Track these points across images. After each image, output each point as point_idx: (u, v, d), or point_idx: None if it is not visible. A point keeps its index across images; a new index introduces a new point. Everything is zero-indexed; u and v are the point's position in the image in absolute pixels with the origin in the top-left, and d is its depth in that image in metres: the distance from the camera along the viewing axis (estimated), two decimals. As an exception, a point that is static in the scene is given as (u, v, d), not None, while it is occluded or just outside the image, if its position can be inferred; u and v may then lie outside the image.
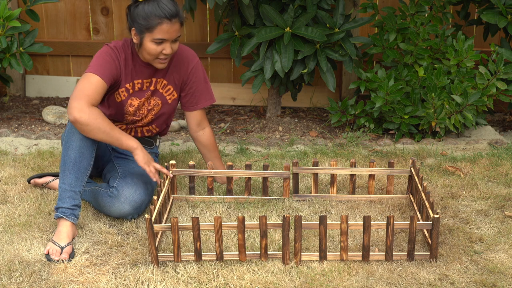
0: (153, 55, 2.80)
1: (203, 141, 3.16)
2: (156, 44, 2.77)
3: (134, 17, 2.78)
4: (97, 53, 2.83)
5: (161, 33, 2.74)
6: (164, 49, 2.78)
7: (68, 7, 4.84)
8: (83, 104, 2.63)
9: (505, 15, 3.97)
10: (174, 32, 2.76)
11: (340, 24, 3.94)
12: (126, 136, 2.73)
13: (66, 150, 2.69)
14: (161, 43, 2.77)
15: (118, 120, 3.00)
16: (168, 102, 3.02)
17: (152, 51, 2.78)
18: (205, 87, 3.09)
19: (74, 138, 2.68)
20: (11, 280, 2.38)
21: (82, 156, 2.68)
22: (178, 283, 2.37)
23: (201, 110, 3.12)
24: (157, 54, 2.80)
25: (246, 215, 2.90)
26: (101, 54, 2.81)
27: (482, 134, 4.04)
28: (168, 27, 2.74)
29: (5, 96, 4.86)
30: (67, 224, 2.62)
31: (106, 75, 2.76)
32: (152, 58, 2.82)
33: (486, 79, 3.87)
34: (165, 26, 2.73)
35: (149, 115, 3.01)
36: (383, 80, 3.89)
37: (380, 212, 2.96)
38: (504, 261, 2.52)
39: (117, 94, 2.91)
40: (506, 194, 3.11)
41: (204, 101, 3.10)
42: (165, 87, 2.99)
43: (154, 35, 2.75)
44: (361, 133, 3.94)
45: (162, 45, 2.78)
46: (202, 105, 3.10)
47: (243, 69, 4.59)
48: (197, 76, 3.04)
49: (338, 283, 2.37)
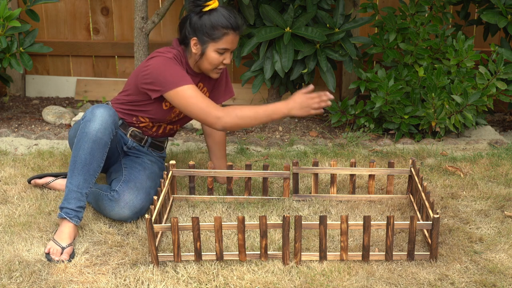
0: (214, 65, 2.85)
1: (216, 138, 3.17)
2: (219, 54, 2.81)
3: (197, 27, 2.79)
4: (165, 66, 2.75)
5: (226, 43, 2.79)
6: (225, 59, 2.84)
7: (68, 7, 4.84)
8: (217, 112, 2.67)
9: (505, 15, 3.97)
10: (236, 42, 2.84)
11: (340, 24, 3.95)
12: (271, 110, 2.70)
13: (77, 150, 2.64)
14: (223, 53, 2.82)
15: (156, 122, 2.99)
16: None
17: (215, 61, 2.83)
18: (226, 82, 3.14)
19: (86, 138, 2.64)
20: (11, 280, 2.38)
21: (92, 158, 2.65)
22: (178, 283, 2.37)
23: (220, 105, 3.13)
24: (219, 64, 2.84)
25: (246, 215, 2.90)
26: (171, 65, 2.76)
27: (482, 134, 4.04)
28: (233, 38, 2.80)
29: (5, 96, 4.86)
30: (70, 225, 2.62)
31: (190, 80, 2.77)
32: (212, 68, 2.86)
33: (486, 79, 3.87)
34: (231, 37, 2.80)
35: (181, 114, 3.03)
36: (383, 80, 3.89)
37: (380, 212, 2.96)
38: (504, 261, 2.52)
39: (166, 102, 2.90)
40: (506, 194, 3.11)
41: (225, 95, 3.14)
42: (201, 89, 3.02)
43: (219, 45, 2.79)
44: (361, 133, 3.94)
45: (224, 55, 2.83)
46: (223, 99, 3.13)
47: (243, 69, 4.60)
48: (224, 73, 3.11)
49: (338, 283, 2.37)
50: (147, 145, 3.06)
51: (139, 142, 3.03)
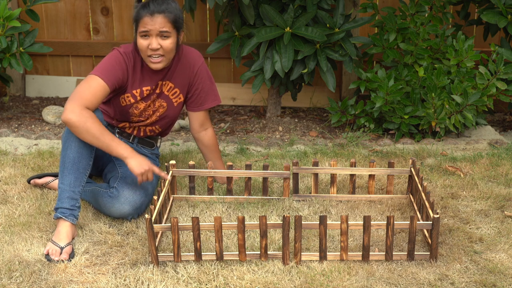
0: (143, 51, 2.83)
1: (205, 142, 3.16)
2: (143, 39, 2.80)
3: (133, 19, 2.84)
4: (107, 56, 2.85)
5: (143, 25, 2.78)
6: (150, 43, 2.80)
7: (68, 7, 4.84)
8: (76, 106, 2.64)
9: (505, 15, 3.97)
10: (156, 24, 2.78)
11: (340, 24, 3.94)
12: (117, 142, 2.70)
13: (65, 150, 2.70)
14: (147, 37, 2.79)
15: (123, 120, 3.01)
16: (174, 105, 3.03)
17: (142, 47, 2.81)
18: (211, 88, 3.10)
19: (73, 138, 2.69)
20: (11, 280, 2.38)
21: (81, 156, 2.69)
22: (178, 283, 2.37)
23: (205, 111, 3.12)
24: (145, 49, 2.81)
25: (246, 215, 2.90)
26: (110, 58, 2.83)
27: (482, 134, 4.04)
28: (149, 19, 2.77)
29: (5, 96, 4.86)
30: (67, 224, 2.62)
31: (111, 79, 2.78)
32: (144, 55, 2.84)
33: (486, 79, 3.87)
34: (146, 19, 2.77)
35: (154, 116, 3.02)
36: (383, 80, 3.89)
37: (380, 212, 2.96)
38: (504, 261, 2.52)
39: (122, 99, 2.92)
40: (506, 194, 3.11)
41: (209, 102, 3.11)
42: (172, 90, 3.00)
43: (139, 29, 2.79)
44: (361, 133, 3.94)
45: (148, 40, 2.80)
46: (207, 106, 3.11)
47: (243, 69, 4.59)
48: (203, 77, 3.06)
49: (338, 283, 2.37)
50: (136, 142, 3.08)
51: (127, 139, 3.06)
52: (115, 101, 2.95)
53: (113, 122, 3.04)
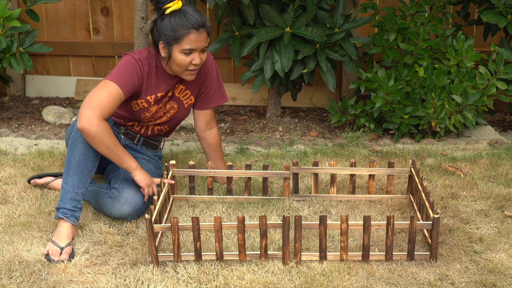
0: (183, 66, 2.81)
1: (209, 141, 3.16)
2: (186, 55, 2.78)
3: (161, 30, 2.78)
4: (121, 61, 2.81)
5: (189, 43, 2.76)
6: (194, 59, 2.80)
7: (68, 7, 4.84)
8: (95, 116, 2.61)
9: (505, 15, 3.97)
10: (201, 41, 2.79)
11: (340, 24, 3.95)
12: (127, 155, 2.74)
13: (72, 151, 2.68)
14: (190, 53, 2.78)
15: (132, 120, 3.01)
16: (185, 107, 3.03)
17: (182, 62, 2.79)
18: (218, 86, 3.10)
19: (80, 139, 2.67)
20: (11, 280, 2.38)
21: (87, 158, 2.68)
22: (178, 283, 2.37)
23: (212, 109, 3.12)
24: (187, 65, 2.80)
25: (246, 215, 2.90)
26: (126, 64, 2.80)
27: (482, 134, 4.04)
28: (196, 37, 2.76)
29: (5, 96, 4.86)
30: (67, 225, 2.62)
31: (127, 86, 2.76)
32: (182, 69, 2.83)
33: (486, 79, 3.87)
34: (193, 36, 2.76)
35: (164, 117, 3.02)
36: (383, 80, 3.89)
37: (380, 212, 2.96)
38: (504, 261, 2.52)
39: (135, 104, 2.91)
40: (506, 194, 3.11)
41: (216, 100, 3.11)
42: (183, 92, 3.00)
43: (183, 46, 2.76)
44: (361, 133, 3.94)
45: (191, 56, 2.79)
46: (214, 104, 3.11)
47: (243, 69, 4.59)
48: (213, 76, 3.06)
49: (338, 283, 2.37)
50: (140, 143, 3.07)
51: (131, 140, 3.05)
52: (128, 105, 2.92)
53: (121, 121, 3.03)
